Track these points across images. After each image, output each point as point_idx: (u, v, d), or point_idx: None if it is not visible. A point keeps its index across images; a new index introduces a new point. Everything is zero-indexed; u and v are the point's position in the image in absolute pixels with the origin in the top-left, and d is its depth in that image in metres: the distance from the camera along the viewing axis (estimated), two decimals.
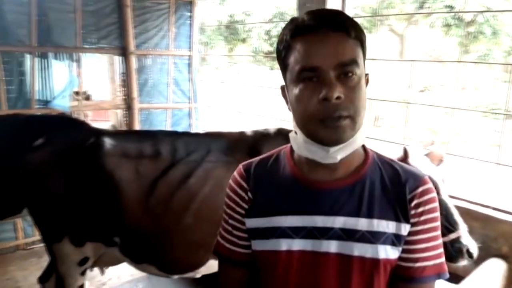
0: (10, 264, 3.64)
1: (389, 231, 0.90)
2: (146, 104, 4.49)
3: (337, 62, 0.83)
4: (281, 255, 0.93)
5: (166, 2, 4.39)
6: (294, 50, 0.87)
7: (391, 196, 0.92)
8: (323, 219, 0.91)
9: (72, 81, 4.29)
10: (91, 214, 2.07)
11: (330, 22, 0.85)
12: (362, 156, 0.97)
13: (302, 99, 0.86)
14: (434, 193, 0.94)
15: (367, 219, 0.90)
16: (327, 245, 0.90)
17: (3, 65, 3.63)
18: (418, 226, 0.91)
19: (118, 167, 2.07)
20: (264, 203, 0.97)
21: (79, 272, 2.19)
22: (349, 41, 0.85)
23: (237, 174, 1.05)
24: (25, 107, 3.77)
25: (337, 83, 0.83)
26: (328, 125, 0.84)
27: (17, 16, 3.64)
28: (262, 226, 0.96)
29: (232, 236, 1.03)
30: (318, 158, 0.90)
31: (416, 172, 0.96)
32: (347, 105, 0.84)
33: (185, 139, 2.16)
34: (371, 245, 0.89)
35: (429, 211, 0.92)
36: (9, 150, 2.38)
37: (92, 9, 4.03)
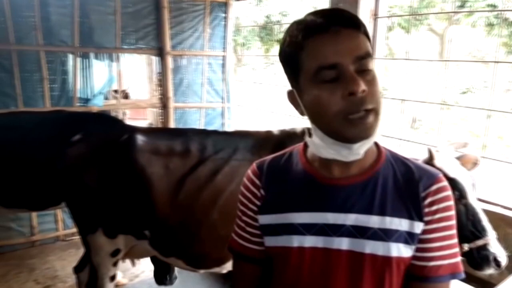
0: (50, 254, 3.84)
1: (402, 229, 0.89)
2: (180, 103, 4.58)
3: (354, 56, 0.83)
4: (293, 251, 0.94)
5: (201, 3, 4.47)
6: (307, 51, 0.86)
7: (404, 194, 0.91)
8: (335, 216, 0.91)
9: (110, 79, 4.47)
10: (123, 208, 2.15)
11: (340, 19, 0.85)
12: (375, 153, 0.96)
13: (323, 99, 0.84)
14: (449, 191, 0.92)
15: (380, 216, 0.89)
16: (339, 242, 0.90)
17: (47, 64, 3.81)
18: (432, 224, 0.90)
19: (149, 162, 2.15)
20: (276, 199, 0.98)
21: (112, 263, 2.28)
22: (360, 35, 0.86)
23: (250, 171, 1.06)
24: (67, 105, 3.94)
25: (358, 77, 0.82)
26: (355, 122, 0.83)
27: (60, 17, 3.81)
28: (274, 222, 0.97)
29: (245, 233, 1.05)
30: (341, 157, 0.90)
31: (430, 170, 0.95)
32: (371, 98, 0.83)
33: (214, 137, 2.20)
34: (383, 242, 0.88)
35: (444, 209, 0.91)
36: (50, 144, 2.52)
37: (131, 10, 4.16)
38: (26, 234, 3.91)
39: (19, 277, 3.45)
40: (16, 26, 3.59)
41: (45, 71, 3.79)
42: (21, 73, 3.68)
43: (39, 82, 3.80)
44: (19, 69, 3.66)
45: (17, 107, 3.68)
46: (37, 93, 3.81)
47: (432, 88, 10.62)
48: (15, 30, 3.58)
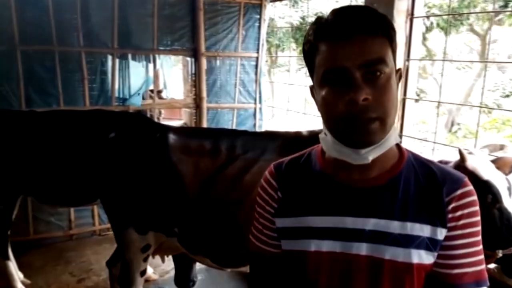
0: (86, 248, 3.98)
1: (423, 235, 0.86)
2: (213, 104, 4.65)
3: (362, 61, 0.80)
4: (311, 255, 0.92)
5: (236, 5, 4.52)
6: (319, 51, 0.85)
7: (426, 198, 0.88)
8: (354, 220, 0.88)
9: (147, 80, 4.59)
10: (154, 205, 2.20)
11: (355, 20, 0.82)
12: (397, 155, 0.93)
13: (328, 102, 0.84)
14: (474, 196, 0.89)
15: (400, 221, 0.87)
16: (358, 247, 0.88)
17: (87, 65, 3.97)
18: (456, 230, 0.87)
19: (180, 161, 2.19)
20: (293, 202, 0.97)
21: (142, 258, 2.34)
22: (375, 38, 0.82)
23: (268, 173, 1.04)
24: (105, 104, 4.09)
25: (363, 84, 0.80)
26: (357, 128, 0.81)
27: (101, 20, 3.96)
28: (291, 225, 0.96)
29: (262, 235, 1.03)
30: (349, 159, 0.87)
31: (454, 173, 0.91)
32: (376, 107, 0.80)
33: (243, 138, 2.22)
34: (403, 249, 0.86)
35: (469, 215, 0.87)
36: (87, 142, 2.62)
37: (168, 13, 4.26)
38: (64, 228, 4.08)
39: (56, 269, 3.60)
40: (59, 28, 3.76)
41: (85, 71, 3.95)
42: (62, 73, 3.85)
43: (79, 82, 3.97)
44: (60, 69, 3.82)
45: (59, 106, 3.85)
46: (78, 93, 3.98)
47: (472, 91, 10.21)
48: (57, 32, 3.75)
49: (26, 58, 3.68)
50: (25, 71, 3.68)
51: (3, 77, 3.62)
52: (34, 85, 3.76)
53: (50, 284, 3.37)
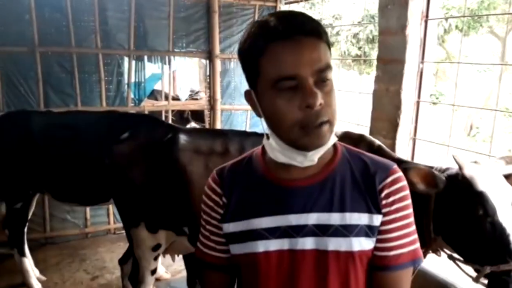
0: (100, 246, 4.04)
1: (361, 223, 0.91)
2: (228, 106, 4.68)
3: (314, 68, 0.84)
4: (259, 257, 0.94)
5: (251, 8, 4.54)
6: (268, 57, 0.86)
7: (361, 188, 0.94)
8: (297, 217, 0.92)
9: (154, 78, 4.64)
10: (165, 204, 2.23)
11: (302, 27, 0.85)
12: (331, 151, 0.97)
13: (281, 107, 0.85)
14: (404, 182, 0.95)
15: (340, 213, 0.91)
16: (303, 243, 0.92)
17: (104, 66, 4.05)
18: (390, 215, 0.93)
19: (190, 161, 2.21)
20: (238, 206, 0.99)
21: (153, 257, 2.37)
22: (321, 45, 0.86)
23: (211, 179, 1.06)
24: (121, 104, 4.16)
25: (316, 88, 0.83)
26: (310, 132, 0.85)
27: (118, 22, 4.03)
28: (238, 230, 0.97)
29: (210, 242, 1.05)
30: (296, 163, 0.91)
31: (384, 162, 0.98)
32: (326, 111, 0.85)
33: (253, 139, 2.23)
34: (345, 238, 0.90)
35: (400, 199, 0.93)
36: (101, 142, 2.67)
37: (183, 15, 4.31)
38: (80, 226, 4.15)
39: (71, 266, 3.67)
40: (77, 30, 3.85)
41: (102, 72, 4.02)
42: (80, 74, 3.93)
43: (96, 83, 4.04)
44: (78, 70, 3.91)
45: (76, 106, 3.93)
46: (94, 93, 4.06)
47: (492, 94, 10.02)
48: (75, 34, 3.84)
49: (45, 59, 3.78)
50: (44, 72, 3.78)
51: (22, 78, 3.72)
52: (53, 86, 3.85)
53: (64, 281, 3.44)
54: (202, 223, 1.07)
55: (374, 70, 3.28)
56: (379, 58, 3.16)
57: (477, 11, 8.54)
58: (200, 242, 1.09)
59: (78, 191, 2.94)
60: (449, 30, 9.41)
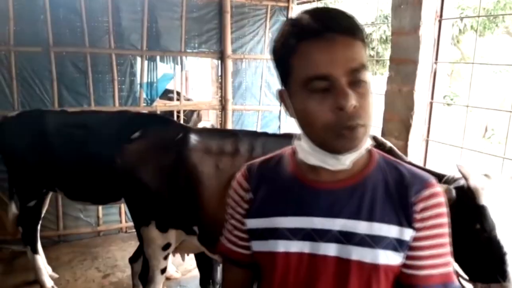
0: (112, 244, 4.08)
1: (390, 235, 0.86)
2: (239, 106, 4.68)
3: (347, 68, 0.80)
4: (279, 257, 0.92)
5: (263, 8, 4.54)
6: (300, 55, 0.82)
7: (394, 199, 0.88)
8: (322, 220, 0.88)
9: (165, 78, 4.67)
10: (175, 203, 2.24)
11: (336, 24, 0.81)
12: (366, 157, 0.93)
13: (312, 108, 0.82)
14: (442, 197, 0.88)
15: (368, 222, 0.86)
16: (325, 248, 0.88)
17: (118, 66, 4.09)
18: (424, 231, 0.86)
19: (201, 161, 2.22)
20: (264, 203, 0.96)
21: (163, 256, 2.38)
22: (355, 44, 0.81)
23: (240, 173, 1.04)
24: (133, 104, 4.20)
25: (350, 90, 0.79)
26: (343, 135, 0.81)
27: (131, 22, 4.07)
28: (261, 226, 0.95)
29: (233, 236, 1.04)
30: (328, 166, 0.87)
31: (422, 174, 0.91)
32: (361, 114, 0.81)
33: (263, 139, 2.23)
34: (371, 249, 0.85)
35: (436, 216, 0.87)
36: (113, 142, 2.69)
37: (196, 16, 4.33)
38: (92, 225, 4.21)
39: (83, 264, 3.71)
40: (91, 30, 3.89)
41: (115, 72, 4.06)
42: (93, 74, 3.98)
43: (109, 83, 4.09)
44: (92, 70, 3.95)
45: (89, 106, 3.98)
46: (107, 93, 4.10)
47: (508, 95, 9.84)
48: (89, 34, 3.89)
49: (60, 59, 3.83)
50: (58, 72, 3.83)
51: (37, 78, 3.78)
52: (67, 86, 3.90)
53: (76, 279, 3.48)
54: (227, 217, 1.06)
55: (386, 71, 3.25)
56: (391, 58, 3.12)
57: (493, 11, 8.40)
58: (224, 236, 1.08)
59: (90, 190, 2.97)
60: (464, 31, 9.27)
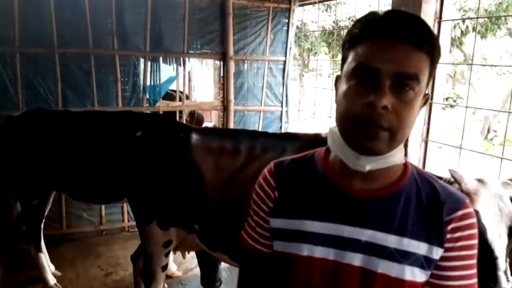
0: (114, 243, 4.12)
1: (419, 252, 0.85)
2: (241, 107, 4.72)
3: (397, 71, 0.78)
4: (302, 260, 0.91)
5: (265, 9, 4.57)
6: (360, 45, 0.82)
7: (426, 216, 0.86)
8: (350, 229, 0.87)
9: (169, 80, 4.71)
10: (176, 201, 2.28)
11: (406, 28, 0.79)
12: (401, 169, 0.91)
13: (348, 97, 0.81)
14: (474, 219, 0.88)
15: (398, 236, 0.85)
16: (351, 257, 0.87)
17: (121, 67, 4.13)
18: (453, 252, 0.86)
19: (202, 160, 2.25)
20: (290, 203, 0.95)
21: (164, 253, 2.42)
22: (418, 54, 0.79)
23: (267, 170, 1.02)
24: (136, 105, 4.23)
25: (389, 93, 0.78)
26: (365, 132, 0.79)
27: (134, 24, 4.10)
28: (286, 227, 0.94)
29: (255, 233, 1.02)
30: (347, 160, 0.87)
31: (457, 194, 0.90)
32: (391, 118, 0.78)
33: (263, 138, 2.25)
34: (398, 264, 0.84)
35: (468, 237, 0.86)
36: (116, 142, 2.73)
37: (198, 17, 4.36)
38: (95, 223, 4.25)
39: (85, 262, 3.75)
40: (95, 31, 3.93)
41: (118, 73, 4.10)
42: (97, 75, 4.02)
43: (112, 83, 4.13)
44: (95, 71, 4.00)
45: (93, 106, 4.02)
46: (111, 94, 4.14)
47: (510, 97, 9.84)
48: (93, 36, 3.92)
49: (64, 60, 3.87)
50: (62, 72, 3.87)
51: (42, 78, 3.82)
52: (71, 86, 3.94)
53: (79, 277, 3.52)
54: (250, 212, 1.04)
55: None
56: None
57: (496, 13, 8.41)
58: (245, 231, 1.06)
59: (92, 190, 2.99)
60: (466, 32, 9.28)
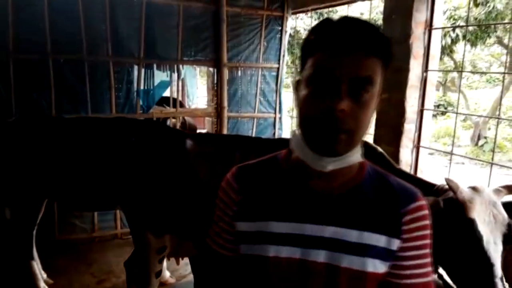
0: (107, 251, 4.08)
1: (379, 244, 0.89)
2: (234, 113, 4.74)
3: (353, 75, 0.82)
4: (269, 261, 0.93)
5: (258, 17, 4.62)
6: (316, 51, 0.86)
7: (383, 210, 0.91)
8: (313, 227, 0.90)
9: (162, 86, 4.72)
10: (170, 209, 2.28)
11: (359, 35, 0.83)
12: (357, 167, 0.96)
13: (308, 101, 0.85)
14: (427, 211, 0.93)
15: (358, 231, 0.89)
16: (316, 254, 0.90)
17: (115, 74, 4.12)
18: (409, 242, 0.90)
19: (197, 166, 2.27)
20: (254, 206, 0.96)
21: (158, 259, 2.42)
22: (371, 58, 0.83)
23: (229, 175, 1.03)
24: (130, 112, 4.22)
25: (346, 96, 0.82)
26: (325, 134, 0.83)
27: (128, 31, 4.10)
28: (251, 230, 0.96)
29: (219, 238, 1.03)
30: (309, 161, 0.90)
31: (410, 188, 0.95)
32: (349, 121, 0.82)
33: (257, 144, 2.28)
34: (360, 257, 0.89)
35: (422, 228, 0.91)
36: (108, 149, 2.71)
37: (192, 24, 4.37)
38: (88, 231, 4.20)
39: (78, 270, 3.71)
40: (89, 38, 3.92)
41: (112, 80, 4.10)
42: (91, 81, 4.00)
43: (106, 90, 4.11)
44: (89, 78, 3.99)
45: (87, 113, 4.00)
46: (105, 101, 4.12)
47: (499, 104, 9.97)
48: (87, 42, 3.92)
49: (58, 67, 3.86)
50: (56, 79, 3.85)
51: (35, 84, 3.80)
52: (64, 93, 3.92)
53: (71, 284, 3.48)
54: (215, 219, 1.05)
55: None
56: None
57: (485, 21, 8.55)
58: (210, 238, 1.07)
59: (85, 198, 2.95)
60: (456, 40, 9.42)
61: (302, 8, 4.60)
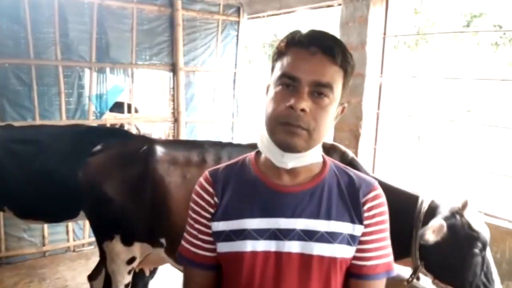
0: (60, 264, 3.89)
1: (345, 231, 0.99)
2: (191, 118, 4.69)
3: (314, 80, 0.93)
4: (246, 256, 0.99)
5: (214, 22, 4.62)
6: (284, 57, 0.97)
7: (346, 200, 1.02)
8: (286, 221, 0.99)
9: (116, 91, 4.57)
10: (141, 216, 2.21)
11: (323, 44, 0.94)
12: (321, 164, 1.07)
13: (274, 100, 0.96)
14: (383, 198, 1.05)
15: (326, 220, 0.99)
16: (290, 246, 0.98)
17: (65, 78, 3.93)
18: (371, 227, 1.01)
19: (168, 172, 2.22)
20: (230, 206, 1.04)
21: (127, 270, 2.32)
22: (332, 66, 0.94)
23: (203, 179, 1.10)
24: (82, 117, 4.05)
25: (307, 98, 0.93)
26: (286, 130, 0.93)
27: (79, 34, 3.95)
28: (228, 229, 1.02)
29: (197, 240, 1.07)
30: (273, 159, 1.01)
31: (367, 178, 1.07)
32: (309, 120, 0.93)
33: (228, 149, 2.28)
34: (329, 244, 0.98)
35: (380, 213, 1.03)
36: (69, 156, 2.59)
37: (146, 28, 4.30)
38: (37, 244, 3.98)
39: (30, 286, 3.50)
40: (36, 41, 3.72)
41: (62, 85, 3.91)
42: (39, 86, 3.80)
43: (56, 95, 3.92)
44: (37, 82, 3.78)
45: (34, 120, 3.78)
46: (54, 106, 3.93)
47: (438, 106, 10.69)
48: (34, 45, 3.71)
49: (2, 72, 3.62)
50: (0, 84, 3.61)
51: None
52: (9, 99, 3.69)
53: None
54: (190, 222, 1.09)
55: None
56: None
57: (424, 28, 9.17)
58: (186, 241, 1.10)
59: (44, 208, 2.80)
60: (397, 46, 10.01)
61: (258, 14, 4.66)
